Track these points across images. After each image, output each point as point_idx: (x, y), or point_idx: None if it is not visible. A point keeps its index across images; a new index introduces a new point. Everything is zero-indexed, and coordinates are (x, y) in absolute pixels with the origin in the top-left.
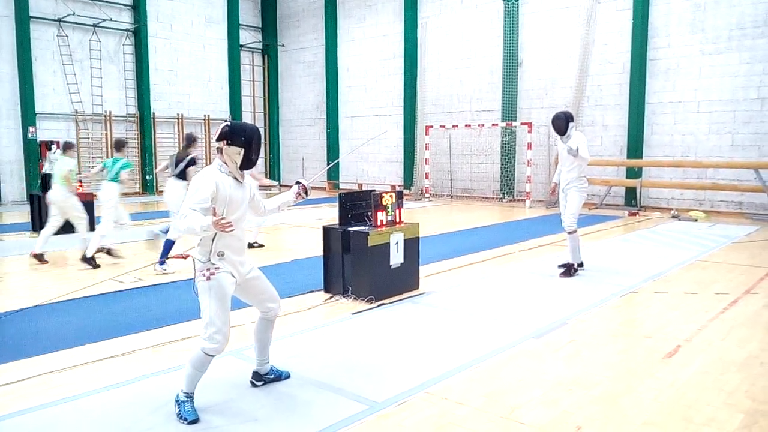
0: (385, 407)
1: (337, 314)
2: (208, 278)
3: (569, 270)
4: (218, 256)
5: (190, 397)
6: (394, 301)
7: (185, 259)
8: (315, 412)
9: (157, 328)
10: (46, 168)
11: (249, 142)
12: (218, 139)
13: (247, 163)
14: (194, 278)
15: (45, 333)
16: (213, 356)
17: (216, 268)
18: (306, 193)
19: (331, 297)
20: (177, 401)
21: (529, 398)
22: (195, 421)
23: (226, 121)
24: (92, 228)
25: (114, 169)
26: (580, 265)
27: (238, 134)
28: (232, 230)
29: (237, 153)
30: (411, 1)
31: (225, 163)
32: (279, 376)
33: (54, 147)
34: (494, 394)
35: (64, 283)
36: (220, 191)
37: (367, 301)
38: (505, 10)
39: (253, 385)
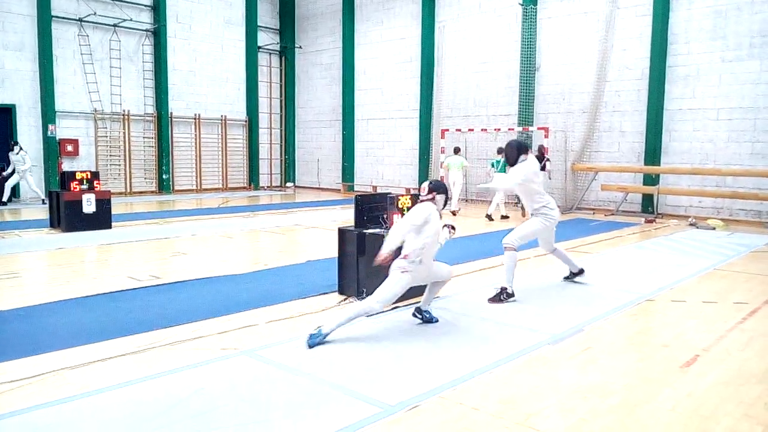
0: (398, 411)
1: None
2: (403, 272)
3: (500, 295)
4: (418, 261)
5: (326, 335)
6: (409, 304)
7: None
8: (328, 414)
9: (172, 326)
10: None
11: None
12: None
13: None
14: (394, 261)
15: (59, 329)
16: (367, 316)
17: (410, 269)
18: (454, 229)
19: (345, 299)
20: (316, 334)
21: (544, 405)
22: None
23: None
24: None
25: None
26: (580, 272)
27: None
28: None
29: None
30: (429, 4)
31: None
32: (430, 320)
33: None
34: (509, 401)
35: (79, 280)
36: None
37: None
38: (524, 14)
39: (414, 316)
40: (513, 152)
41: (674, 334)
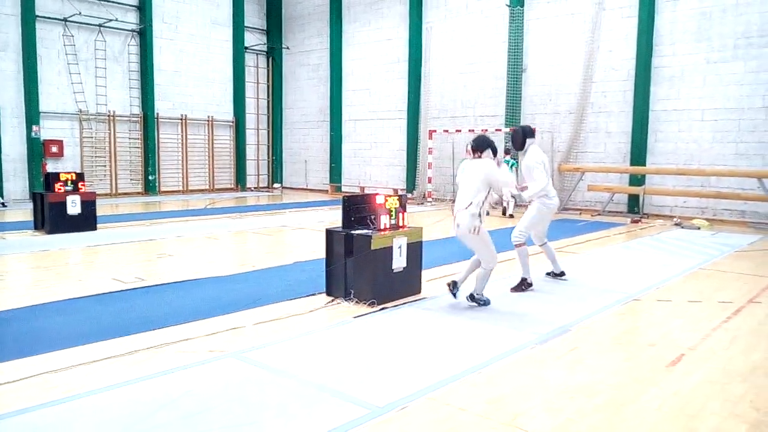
0: (386, 412)
1: (339, 317)
2: (478, 232)
3: (521, 285)
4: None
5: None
6: (396, 305)
7: None
8: (316, 416)
9: (158, 328)
10: None
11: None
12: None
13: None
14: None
15: (44, 332)
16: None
17: (479, 226)
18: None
19: (333, 300)
20: (476, 297)
21: (531, 405)
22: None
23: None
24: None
25: None
26: (561, 274)
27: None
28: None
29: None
30: (416, 5)
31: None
32: (454, 295)
33: None
34: (496, 401)
35: (64, 283)
36: None
37: (369, 305)
38: (511, 15)
39: (450, 290)
40: (519, 137)
41: (660, 333)
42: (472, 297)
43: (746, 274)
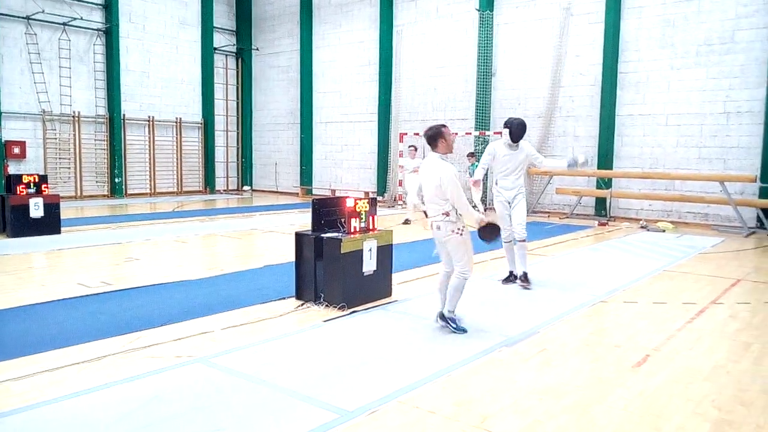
0: (356, 416)
1: (309, 321)
2: (462, 233)
3: (527, 278)
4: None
5: (454, 314)
6: (367, 309)
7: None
8: (285, 421)
9: (124, 334)
10: None
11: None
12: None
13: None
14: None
15: (4, 339)
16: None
17: (464, 226)
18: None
19: (302, 304)
20: (448, 318)
21: (500, 407)
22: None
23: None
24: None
25: None
26: (515, 278)
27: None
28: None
29: None
30: (387, 8)
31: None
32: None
33: None
34: (465, 403)
35: (26, 288)
36: None
37: (339, 309)
38: (480, 20)
39: (437, 321)
40: (521, 131)
41: (626, 334)
42: (443, 317)
43: (709, 276)
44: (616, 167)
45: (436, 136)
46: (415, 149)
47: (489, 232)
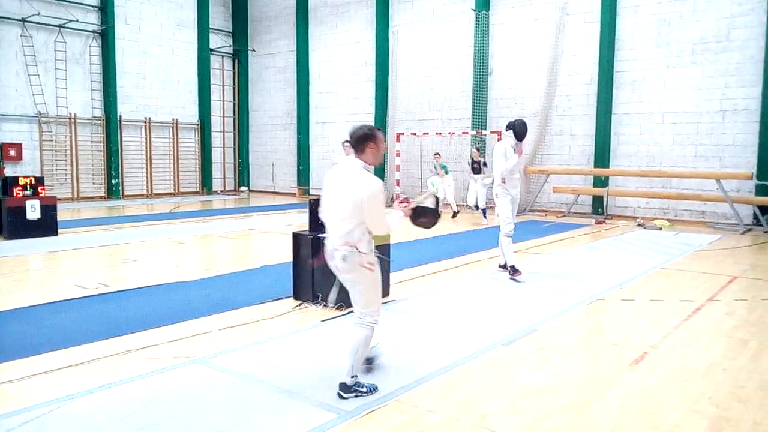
0: (355, 416)
1: (307, 321)
2: (373, 268)
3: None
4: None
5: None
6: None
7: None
8: (284, 422)
9: (121, 335)
10: None
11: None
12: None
13: None
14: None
15: (2, 341)
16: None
17: (374, 259)
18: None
19: (300, 304)
20: (353, 386)
21: (498, 406)
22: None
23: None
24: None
25: None
26: (505, 267)
27: None
28: None
29: None
30: (383, 9)
31: None
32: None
33: None
34: (464, 402)
35: (24, 290)
36: None
37: (336, 308)
38: (476, 20)
39: (340, 397)
40: (524, 129)
41: (624, 332)
42: (346, 387)
43: (706, 273)
44: (612, 165)
45: (366, 139)
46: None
47: (425, 215)
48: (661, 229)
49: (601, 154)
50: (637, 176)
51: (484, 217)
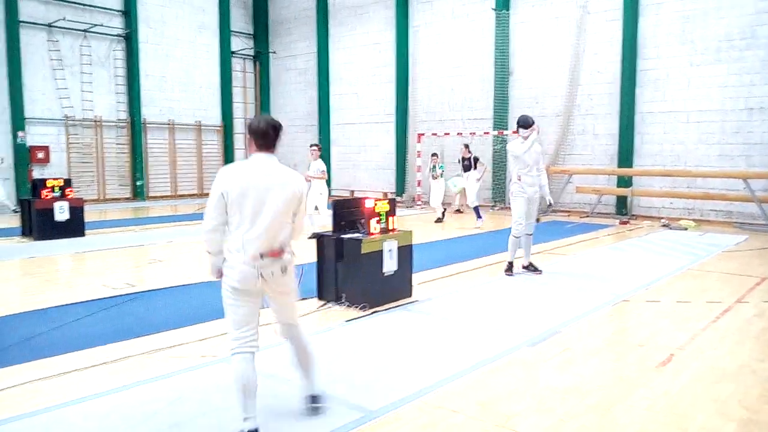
0: (379, 416)
1: (331, 321)
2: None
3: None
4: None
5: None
6: (388, 309)
7: None
8: (308, 421)
9: (149, 334)
10: None
11: None
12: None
13: None
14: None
15: (33, 340)
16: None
17: None
18: None
19: (324, 304)
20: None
21: (523, 407)
22: None
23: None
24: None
25: None
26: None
27: None
28: None
29: None
30: (402, 9)
31: None
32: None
33: None
34: (489, 403)
35: (53, 290)
36: None
37: (360, 309)
38: (496, 19)
39: (311, 412)
40: (524, 120)
41: (649, 333)
42: (316, 400)
43: (733, 274)
44: (636, 165)
45: (279, 132)
46: (319, 148)
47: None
48: (686, 229)
49: (625, 154)
50: (661, 176)
51: (478, 216)
